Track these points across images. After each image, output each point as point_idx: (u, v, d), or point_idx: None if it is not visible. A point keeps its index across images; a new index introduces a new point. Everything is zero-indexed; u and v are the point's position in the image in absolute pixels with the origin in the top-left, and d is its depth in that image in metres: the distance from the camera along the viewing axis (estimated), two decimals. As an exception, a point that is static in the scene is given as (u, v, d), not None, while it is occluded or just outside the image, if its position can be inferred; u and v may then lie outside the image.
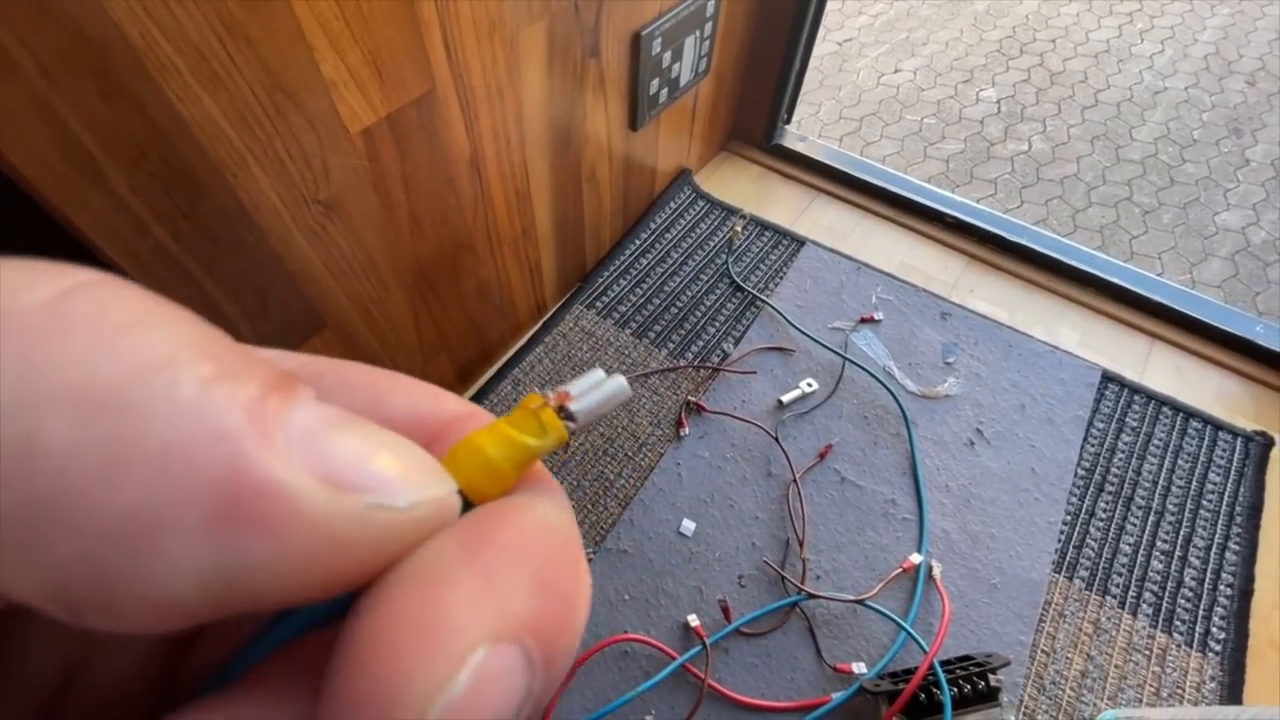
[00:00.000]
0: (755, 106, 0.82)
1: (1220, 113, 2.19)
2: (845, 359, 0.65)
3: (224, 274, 0.37)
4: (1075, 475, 0.58)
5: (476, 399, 0.63)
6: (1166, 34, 2.41)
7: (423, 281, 0.52)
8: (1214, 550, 0.54)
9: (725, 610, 0.51)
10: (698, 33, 0.64)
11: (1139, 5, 2.50)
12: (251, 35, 0.31)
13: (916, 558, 0.53)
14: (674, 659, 0.49)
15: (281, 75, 0.33)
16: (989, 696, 0.45)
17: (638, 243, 0.75)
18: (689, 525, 0.56)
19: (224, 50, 0.30)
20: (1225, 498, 0.56)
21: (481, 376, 0.66)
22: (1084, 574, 0.53)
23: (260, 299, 0.40)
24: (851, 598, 0.51)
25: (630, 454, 0.60)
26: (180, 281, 0.35)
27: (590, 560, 0.54)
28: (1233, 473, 0.58)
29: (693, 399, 0.63)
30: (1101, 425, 0.61)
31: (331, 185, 0.40)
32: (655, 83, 0.63)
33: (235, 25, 0.30)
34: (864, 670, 0.49)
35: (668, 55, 0.62)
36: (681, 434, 0.61)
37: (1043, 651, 0.50)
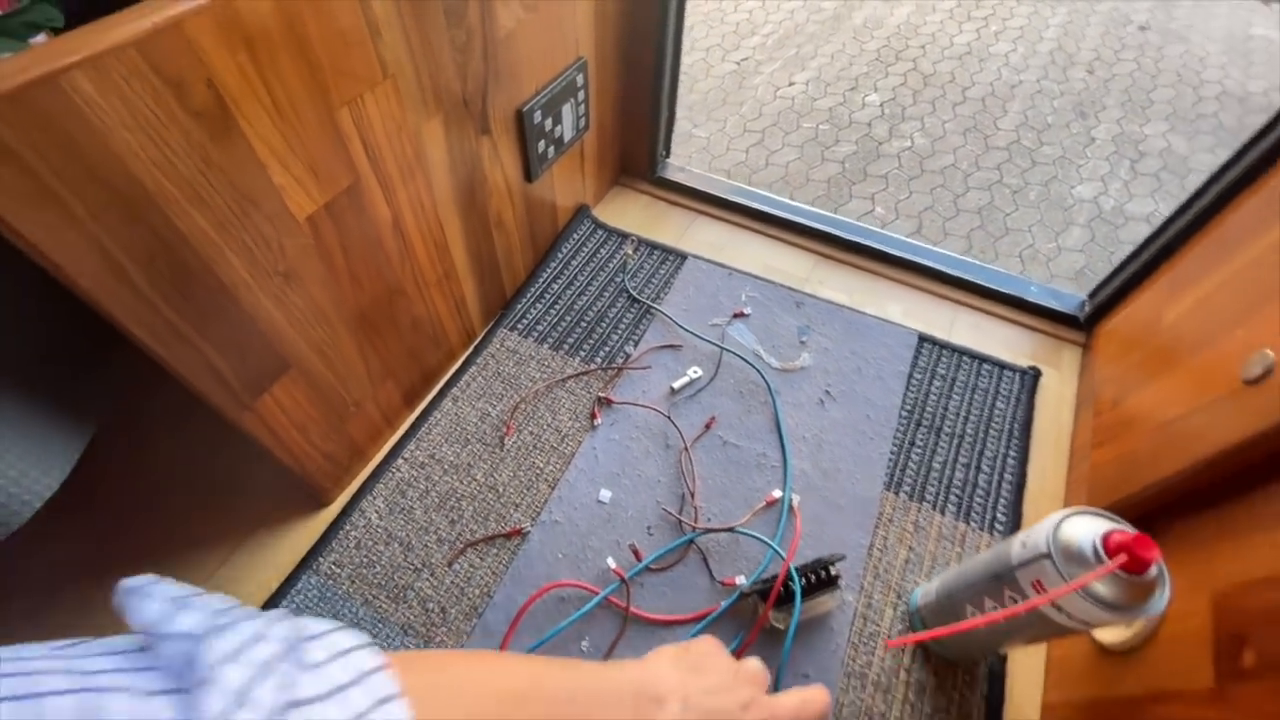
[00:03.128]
0: (637, 147, 0.98)
1: (1068, 99, 2.49)
2: (722, 349, 0.80)
3: (212, 336, 0.49)
4: (899, 416, 0.75)
5: (422, 417, 0.76)
6: (1017, 34, 2.72)
7: (365, 323, 0.64)
8: (999, 459, 0.71)
9: (635, 552, 0.65)
10: (573, 100, 0.80)
11: (992, 10, 2.81)
12: (224, 166, 0.44)
13: (777, 493, 0.68)
14: (597, 594, 0.62)
15: (245, 188, 0.46)
16: (830, 583, 0.60)
17: (548, 271, 0.89)
18: (606, 494, 0.70)
19: (205, 179, 0.43)
20: (1008, 419, 0.74)
21: (425, 398, 0.78)
22: (907, 488, 0.70)
23: (240, 352, 0.52)
24: (727, 526, 0.66)
25: (555, 445, 0.74)
26: (183, 346, 0.47)
27: (529, 533, 0.68)
28: (1013, 400, 0.76)
29: (603, 395, 0.77)
30: (919, 376, 0.78)
31: (288, 260, 0.52)
32: (542, 144, 0.78)
33: (212, 161, 0.43)
34: (743, 581, 0.63)
35: (549, 121, 0.77)
36: (595, 424, 0.75)
37: (877, 549, 0.66)
